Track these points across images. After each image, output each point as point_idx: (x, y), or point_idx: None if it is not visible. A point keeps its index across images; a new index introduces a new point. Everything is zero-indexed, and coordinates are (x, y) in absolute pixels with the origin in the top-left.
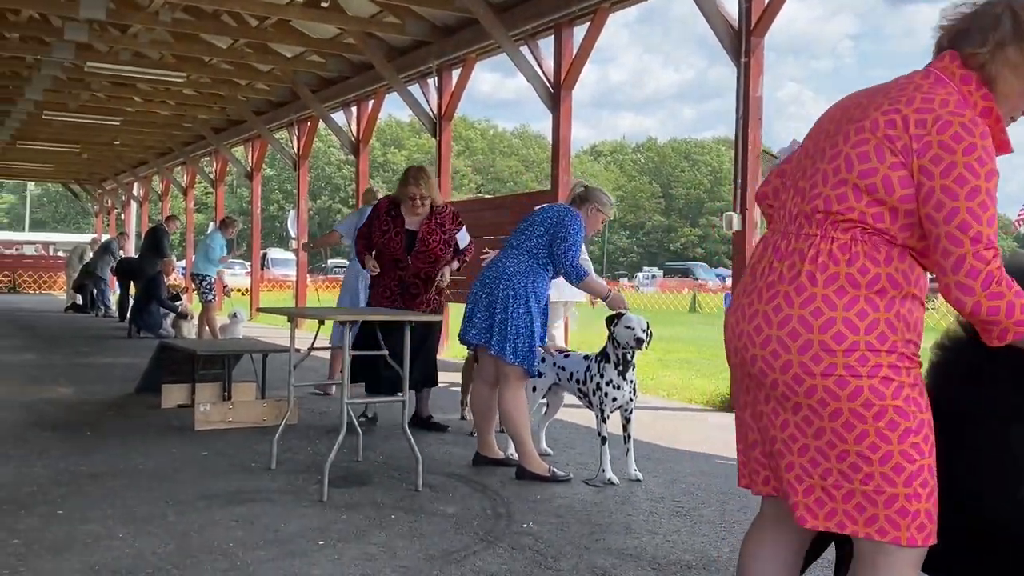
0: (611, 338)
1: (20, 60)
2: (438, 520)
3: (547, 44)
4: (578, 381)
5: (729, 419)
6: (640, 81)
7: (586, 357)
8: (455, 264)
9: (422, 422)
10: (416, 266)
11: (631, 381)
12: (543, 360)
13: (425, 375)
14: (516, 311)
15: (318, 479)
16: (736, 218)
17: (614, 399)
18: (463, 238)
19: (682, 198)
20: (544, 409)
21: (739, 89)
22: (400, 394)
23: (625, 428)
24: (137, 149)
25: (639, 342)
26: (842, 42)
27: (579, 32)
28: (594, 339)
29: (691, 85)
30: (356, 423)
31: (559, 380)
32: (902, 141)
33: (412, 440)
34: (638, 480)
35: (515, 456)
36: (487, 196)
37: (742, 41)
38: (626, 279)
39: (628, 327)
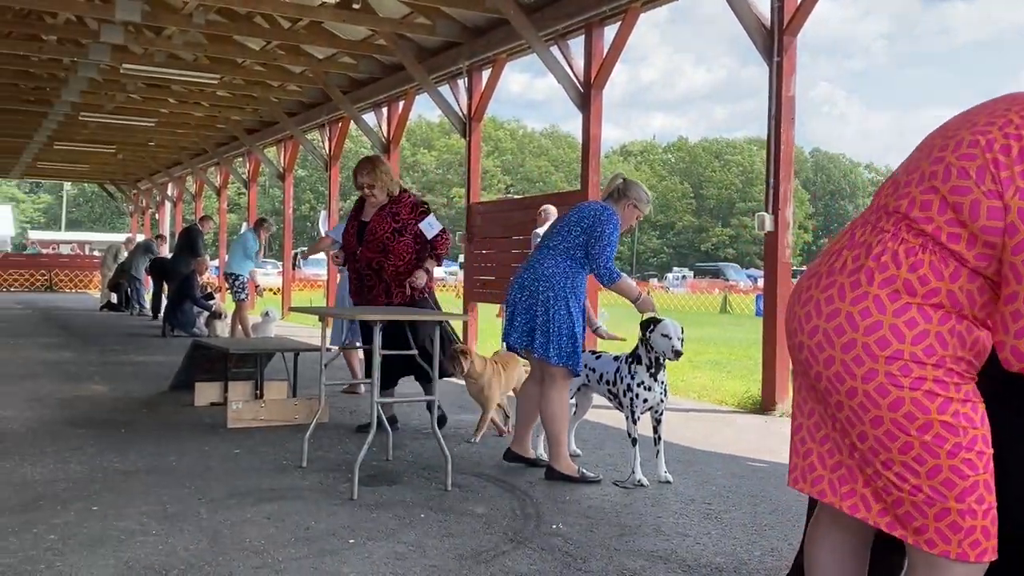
0: (644, 342)
1: (57, 62)
2: (467, 520)
3: (577, 44)
4: (608, 383)
5: (759, 421)
6: (671, 81)
7: (616, 358)
8: (429, 263)
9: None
10: (365, 256)
11: (662, 382)
12: None
13: (418, 371)
14: (557, 313)
15: (348, 477)
16: (768, 218)
17: (645, 400)
18: (428, 227)
19: (713, 198)
20: (573, 410)
21: (771, 88)
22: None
23: (655, 430)
24: (171, 150)
25: (677, 355)
26: (875, 41)
27: (610, 32)
28: (624, 341)
29: (723, 85)
30: (385, 422)
31: (588, 381)
32: (1008, 172)
33: (441, 440)
34: (668, 482)
35: (545, 457)
36: (516, 196)
37: (774, 40)
38: (656, 279)
39: (665, 335)
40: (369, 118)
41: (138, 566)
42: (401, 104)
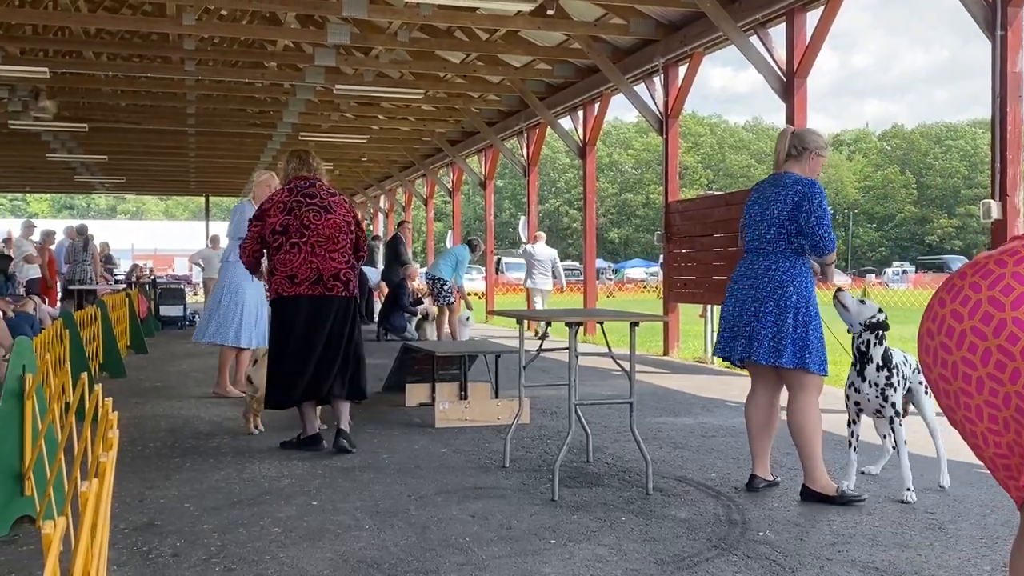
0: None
1: (278, 87)
2: (669, 524)
3: (778, 32)
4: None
5: None
6: (886, 65)
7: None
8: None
9: (339, 432)
10: None
11: (871, 381)
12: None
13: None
14: (808, 317)
15: (549, 478)
16: (995, 206)
17: (856, 403)
18: None
19: (936, 187)
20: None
21: (995, 65)
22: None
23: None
24: (382, 164)
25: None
26: None
27: (813, 17)
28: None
29: (943, 65)
30: (585, 424)
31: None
32: None
33: (641, 443)
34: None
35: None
36: (717, 192)
37: (997, 13)
38: (873, 275)
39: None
40: (565, 122)
41: (352, 559)
42: (597, 106)
